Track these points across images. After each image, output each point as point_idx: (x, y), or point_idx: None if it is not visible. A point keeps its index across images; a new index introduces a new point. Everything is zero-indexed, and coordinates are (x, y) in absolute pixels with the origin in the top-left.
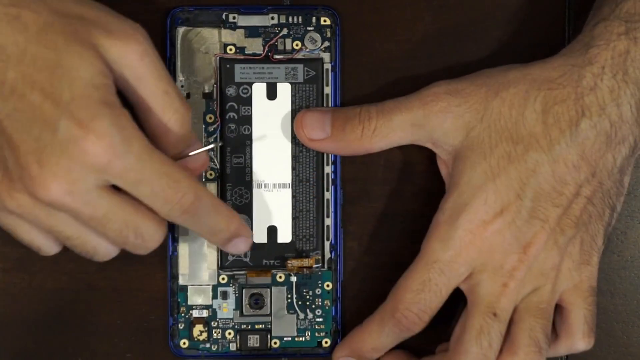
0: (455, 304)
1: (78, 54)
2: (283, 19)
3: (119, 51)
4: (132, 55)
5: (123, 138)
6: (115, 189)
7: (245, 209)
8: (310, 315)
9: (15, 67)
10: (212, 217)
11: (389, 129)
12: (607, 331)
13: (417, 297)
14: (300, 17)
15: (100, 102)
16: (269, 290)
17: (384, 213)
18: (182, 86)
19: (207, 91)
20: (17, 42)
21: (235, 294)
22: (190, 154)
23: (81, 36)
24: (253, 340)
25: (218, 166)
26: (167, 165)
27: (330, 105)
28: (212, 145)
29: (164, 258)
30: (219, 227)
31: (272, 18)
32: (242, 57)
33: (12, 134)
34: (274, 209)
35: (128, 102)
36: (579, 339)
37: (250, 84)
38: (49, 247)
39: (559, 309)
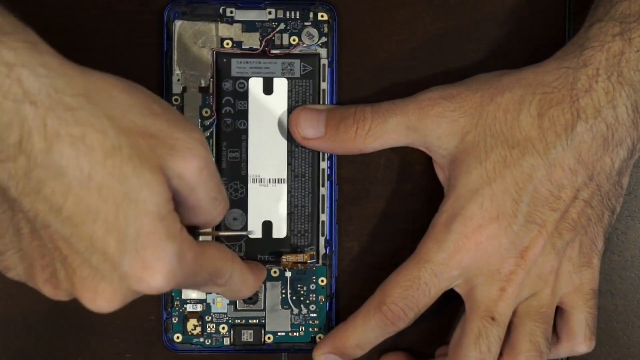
0: (456, 308)
1: (147, 184)
2: (280, 14)
3: (180, 168)
4: (192, 170)
5: (183, 267)
6: None
7: (240, 203)
8: (304, 311)
9: (77, 194)
10: (238, 287)
11: (383, 130)
12: (607, 331)
13: (405, 293)
14: (297, 12)
15: (166, 237)
16: (263, 285)
17: (384, 213)
18: (178, 80)
19: (203, 85)
20: (81, 167)
21: None
22: (220, 234)
23: (147, 159)
24: (247, 335)
25: (214, 160)
26: (212, 263)
27: (326, 101)
28: (244, 233)
29: None
30: (240, 294)
31: (270, 13)
32: (239, 51)
33: (67, 255)
34: (269, 204)
35: None
36: (580, 342)
37: (247, 79)
38: None
39: (560, 311)
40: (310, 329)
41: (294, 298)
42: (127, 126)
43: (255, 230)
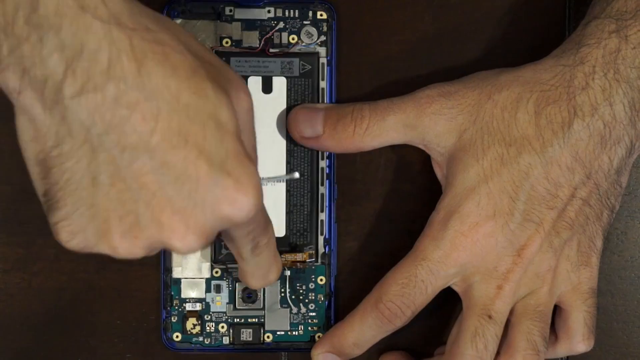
0: (454, 308)
1: (225, 105)
2: (280, 13)
3: (237, 101)
4: (245, 108)
5: (261, 194)
6: None
7: None
8: (303, 310)
9: (166, 117)
10: (271, 258)
11: (382, 128)
12: (607, 331)
13: (402, 291)
14: (296, 11)
15: (248, 157)
16: None
17: (384, 213)
18: None
19: None
20: (169, 86)
21: (229, 287)
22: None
23: (220, 84)
24: (246, 334)
25: None
26: (265, 212)
27: (325, 100)
28: (288, 176)
29: None
30: (269, 276)
31: (269, 11)
32: (238, 50)
33: (155, 191)
34: (268, 203)
35: None
36: (579, 341)
37: (246, 77)
38: None
39: (558, 310)
40: (310, 328)
41: (293, 297)
42: (196, 51)
43: (296, 175)
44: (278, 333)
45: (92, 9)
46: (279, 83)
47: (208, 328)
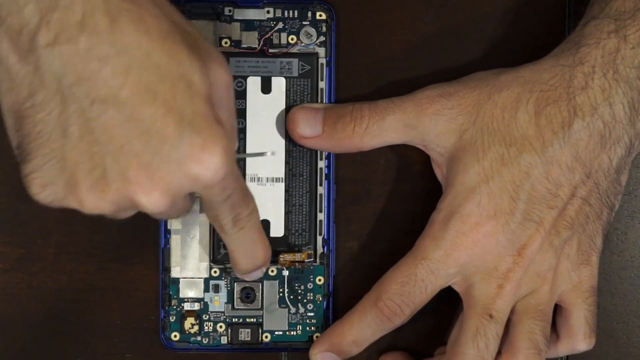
0: (454, 308)
1: (199, 69)
2: (279, 13)
3: (215, 75)
4: (223, 82)
5: (231, 158)
6: None
7: None
8: (301, 310)
9: (137, 73)
10: (256, 234)
11: (381, 128)
12: (607, 331)
13: (401, 290)
14: (296, 12)
15: (217, 120)
16: (260, 284)
17: (384, 213)
18: None
19: None
20: (141, 45)
21: (227, 287)
22: (239, 156)
23: (196, 51)
24: (244, 334)
25: None
26: (242, 181)
27: (324, 100)
28: (264, 151)
29: None
30: (257, 254)
31: (268, 12)
32: (237, 50)
33: (123, 145)
34: (267, 202)
35: None
36: (580, 340)
37: (245, 78)
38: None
39: (559, 309)
40: (308, 328)
41: (292, 297)
42: (176, 20)
43: (276, 150)
44: (276, 333)
45: None
46: (278, 83)
47: (206, 328)
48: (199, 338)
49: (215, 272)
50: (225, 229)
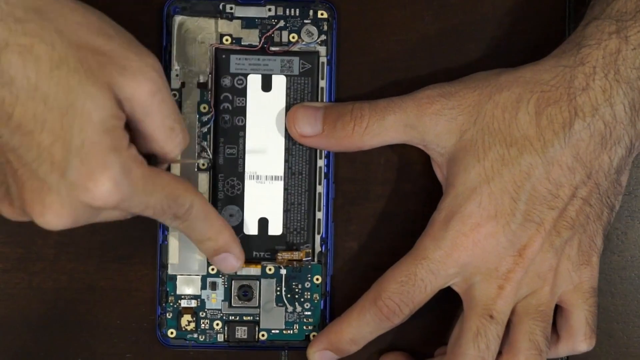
0: (455, 308)
1: (91, 97)
2: (280, 11)
3: (132, 89)
4: (144, 93)
5: (130, 182)
6: None
7: (236, 200)
8: (298, 309)
9: (24, 103)
10: (201, 224)
11: (381, 127)
12: (607, 331)
13: (401, 289)
14: (297, 10)
15: (110, 149)
16: (258, 282)
17: (384, 213)
18: (177, 75)
19: (202, 81)
20: (29, 77)
21: (225, 285)
22: (177, 160)
23: (95, 75)
24: (241, 332)
25: (211, 157)
26: (168, 187)
27: (325, 99)
28: (193, 161)
29: None
30: (206, 235)
31: (269, 10)
32: (238, 48)
33: (17, 169)
34: (266, 201)
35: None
36: (581, 340)
37: (246, 75)
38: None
39: (560, 310)
40: (304, 327)
41: (289, 296)
42: (77, 42)
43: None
44: (273, 331)
45: None
46: (279, 81)
47: (203, 325)
48: (195, 335)
49: (212, 269)
50: (171, 227)
